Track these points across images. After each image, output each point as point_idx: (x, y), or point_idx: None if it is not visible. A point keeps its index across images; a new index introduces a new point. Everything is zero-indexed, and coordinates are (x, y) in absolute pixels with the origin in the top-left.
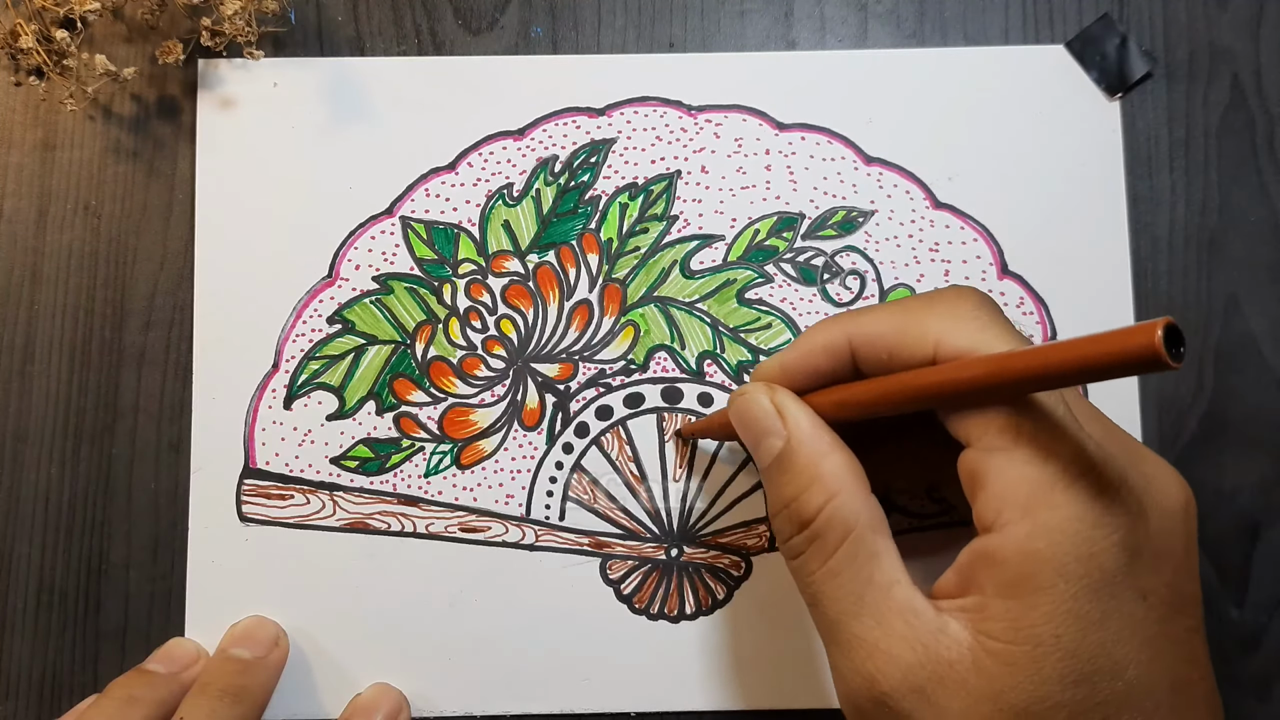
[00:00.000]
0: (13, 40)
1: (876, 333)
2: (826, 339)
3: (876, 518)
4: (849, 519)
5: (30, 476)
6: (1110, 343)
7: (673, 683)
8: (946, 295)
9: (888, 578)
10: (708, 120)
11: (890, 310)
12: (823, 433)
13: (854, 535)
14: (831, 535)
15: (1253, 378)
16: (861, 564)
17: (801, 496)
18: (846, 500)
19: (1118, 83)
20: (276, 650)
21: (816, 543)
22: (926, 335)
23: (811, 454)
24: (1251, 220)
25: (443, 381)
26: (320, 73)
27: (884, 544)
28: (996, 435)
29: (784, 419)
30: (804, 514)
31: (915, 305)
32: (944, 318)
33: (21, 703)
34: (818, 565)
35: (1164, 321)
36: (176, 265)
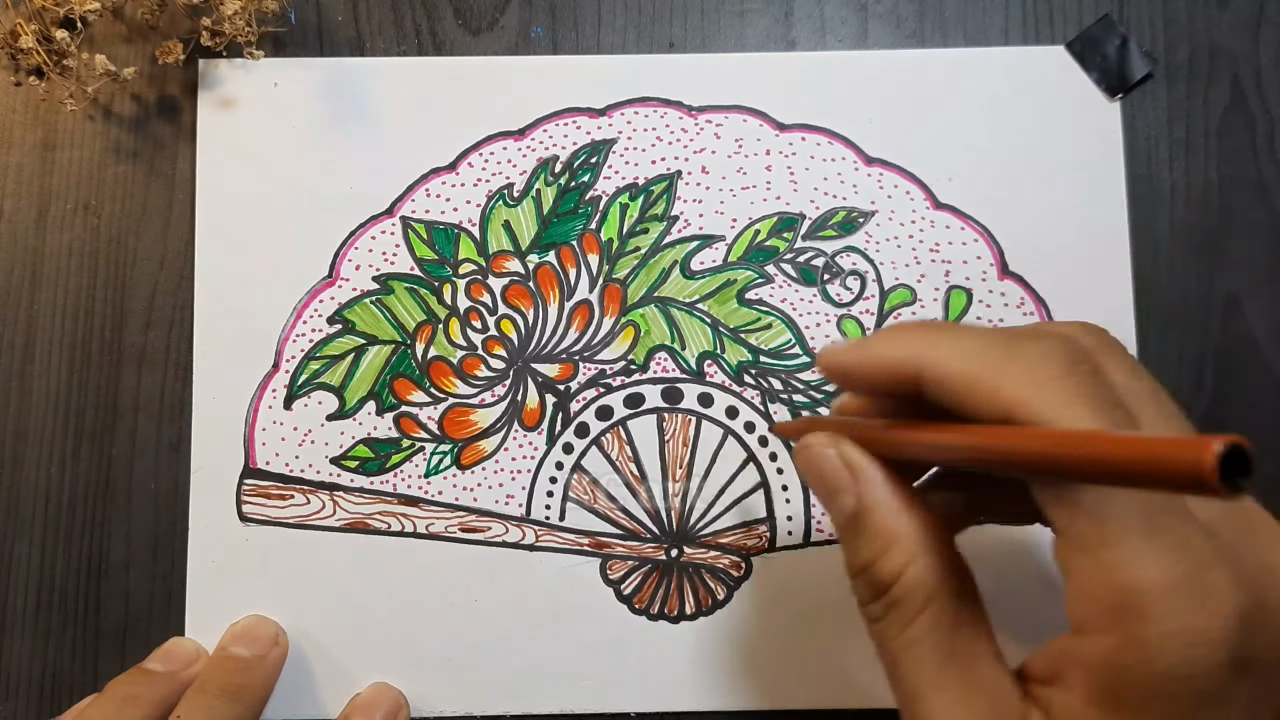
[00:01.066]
0: (13, 40)
1: (948, 375)
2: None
3: (961, 581)
4: (930, 584)
5: (30, 476)
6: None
7: (673, 683)
8: (1031, 351)
9: (972, 649)
10: (708, 120)
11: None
12: (897, 491)
13: (937, 603)
14: (912, 602)
15: (1253, 378)
16: (944, 633)
17: (879, 560)
18: (927, 563)
19: (1118, 83)
20: (276, 649)
21: (896, 609)
22: (999, 397)
23: (888, 513)
24: (1251, 220)
25: (443, 381)
26: (320, 73)
27: (969, 612)
28: (1082, 531)
29: (855, 474)
30: (883, 579)
31: (994, 354)
32: (1022, 382)
33: (21, 703)
34: (897, 633)
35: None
36: (176, 265)
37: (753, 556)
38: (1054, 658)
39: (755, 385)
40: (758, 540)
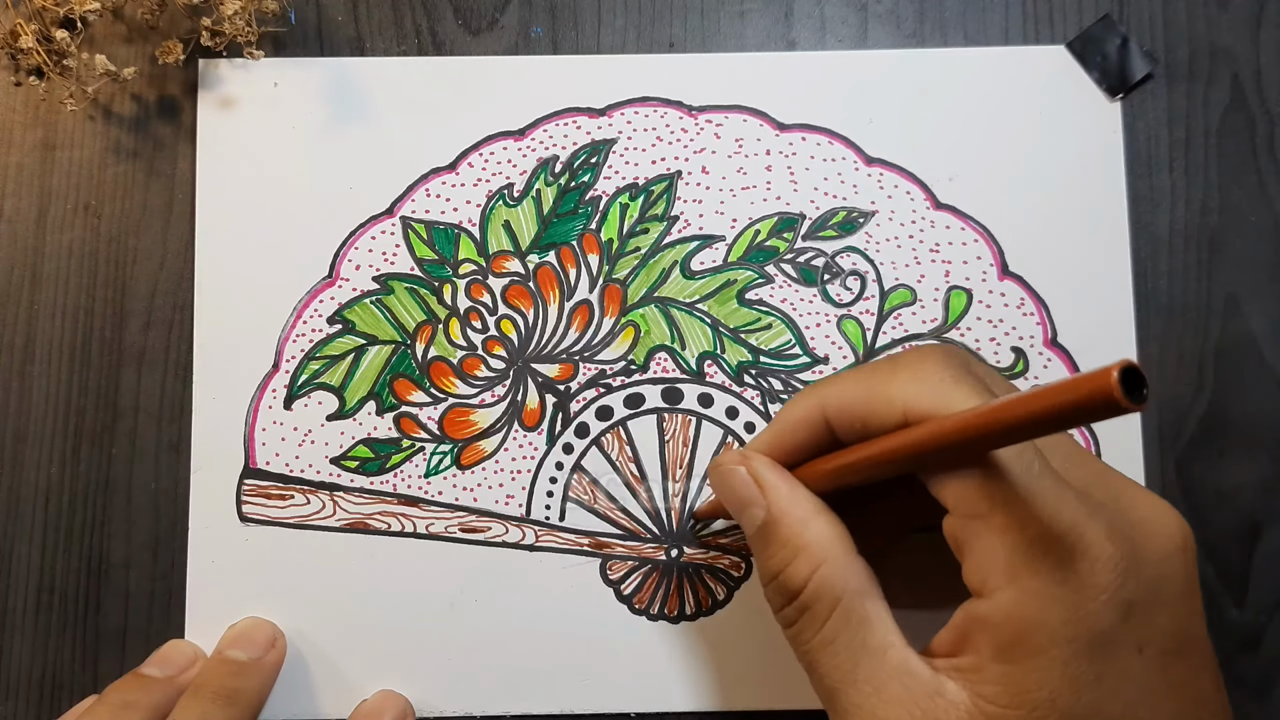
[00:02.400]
0: (13, 40)
1: (845, 401)
2: (802, 412)
3: (865, 581)
4: (837, 586)
5: (30, 476)
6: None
7: (673, 683)
8: (910, 357)
9: (881, 641)
10: (708, 120)
11: (857, 377)
12: (803, 500)
13: (844, 603)
14: (821, 605)
15: (1253, 378)
16: (854, 630)
17: (788, 568)
18: (833, 568)
19: (1118, 83)
20: (273, 652)
21: (807, 613)
22: (893, 401)
23: (793, 523)
24: (1251, 220)
25: (443, 382)
26: (320, 73)
27: (875, 607)
28: (973, 502)
29: (763, 488)
30: (792, 585)
31: (881, 370)
32: (908, 381)
33: (21, 703)
34: (811, 635)
35: (1120, 364)
36: (176, 265)
37: (752, 557)
38: (957, 628)
39: (755, 385)
40: None
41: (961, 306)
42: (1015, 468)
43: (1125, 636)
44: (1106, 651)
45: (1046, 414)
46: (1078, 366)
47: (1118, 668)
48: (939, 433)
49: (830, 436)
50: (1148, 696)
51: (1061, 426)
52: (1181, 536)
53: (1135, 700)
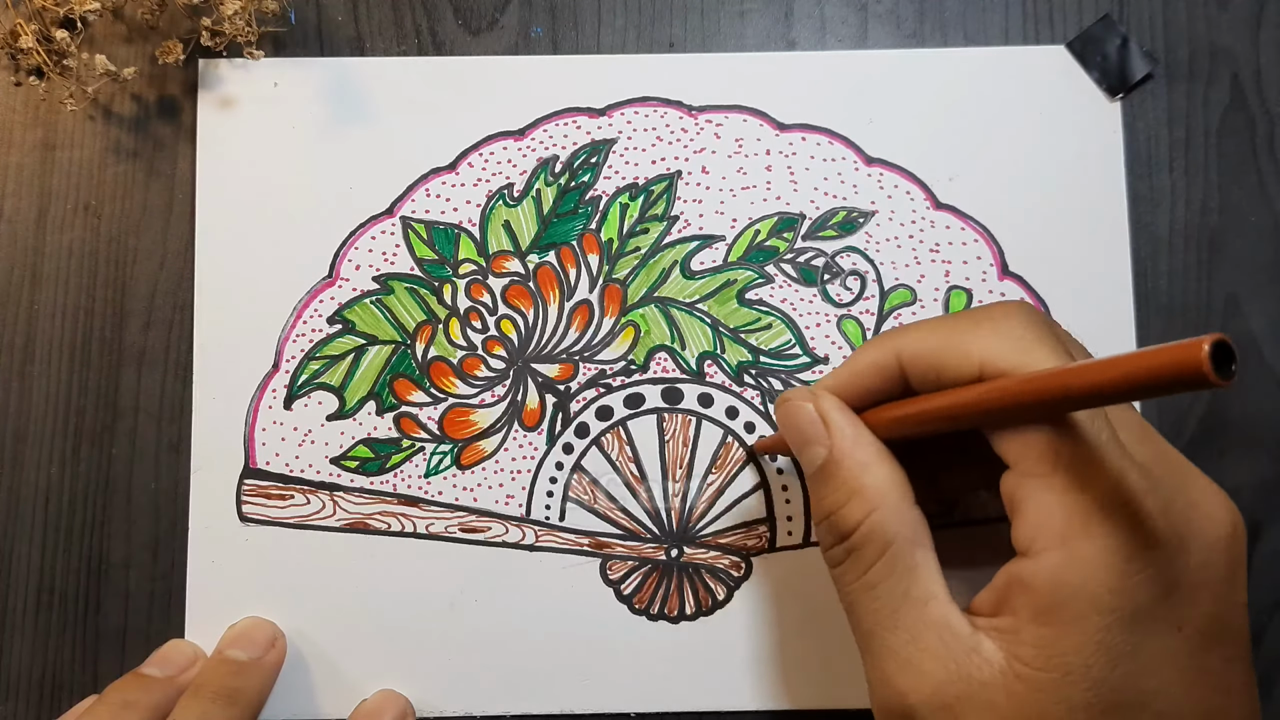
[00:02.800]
0: (13, 40)
1: (923, 350)
2: (876, 356)
3: (917, 531)
4: (888, 533)
5: (30, 476)
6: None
7: (673, 683)
8: (993, 312)
9: (925, 592)
10: (708, 120)
11: (936, 327)
12: (867, 444)
13: (892, 549)
14: (870, 549)
15: (1253, 378)
16: (899, 578)
17: (842, 509)
18: (887, 514)
19: (1118, 83)
20: (273, 651)
21: (854, 555)
22: (970, 354)
23: (854, 466)
24: (1251, 220)
25: (443, 382)
26: (320, 73)
27: (923, 557)
28: (1035, 460)
29: (829, 428)
30: (844, 526)
31: (962, 322)
32: (988, 336)
33: (21, 703)
34: (855, 577)
35: (1212, 338)
36: (176, 265)
37: (753, 556)
38: (1000, 588)
39: (755, 385)
40: (758, 540)
41: (961, 306)
42: (1085, 431)
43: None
44: (1145, 626)
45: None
46: None
47: (1155, 644)
48: (1015, 389)
49: (902, 383)
50: (1180, 677)
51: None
52: (1232, 525)
53: (1168, 679)
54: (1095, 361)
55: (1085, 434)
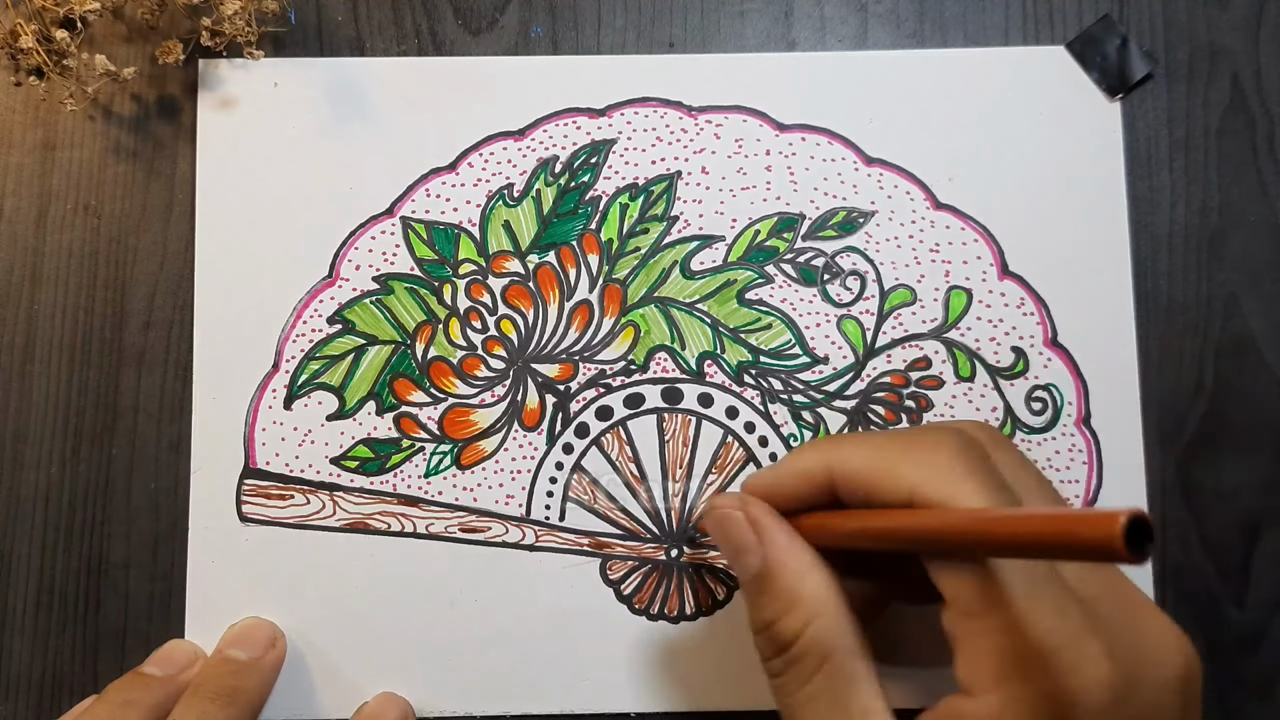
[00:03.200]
0: (13, 40)
1: (854, 469)
2: (807, 466)
3: (856, 640)
4: (827, 644)
5: (30, 476)
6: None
7: (673, 683)
8: (925, 441)
9: (865, 706)
10: (708, 121)
11: (869, 446)
12: (800, 551)
13: (832, 661)
14: (810, 659)
15: (1253, 378)
16: (839, 690)
17: (782, 620)
18: (826, 624)
19: (1118, 83)
20: (273, 651)
21: (795, 666)
22: (900, 481)
23: (790, 575)
24: (1251, 220)
25: (443, 382)
26: (320, 73)
27: (862, 668)
28: (969, 598)
29: (760, 535)
30: (784, 638)
31: (894, 447)
32: (919, 465)
33: (21, 703)
34: (796, 688)
35: (1129, 513)
36: (176, 265)
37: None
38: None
39: (755, 385)
40: None
41: (961, 306)
42: (1018, 572)
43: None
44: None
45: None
46: (1078, 366)
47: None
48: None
49: (831, 494)
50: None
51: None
52: (1185, 666)
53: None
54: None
55: (1019, 573)
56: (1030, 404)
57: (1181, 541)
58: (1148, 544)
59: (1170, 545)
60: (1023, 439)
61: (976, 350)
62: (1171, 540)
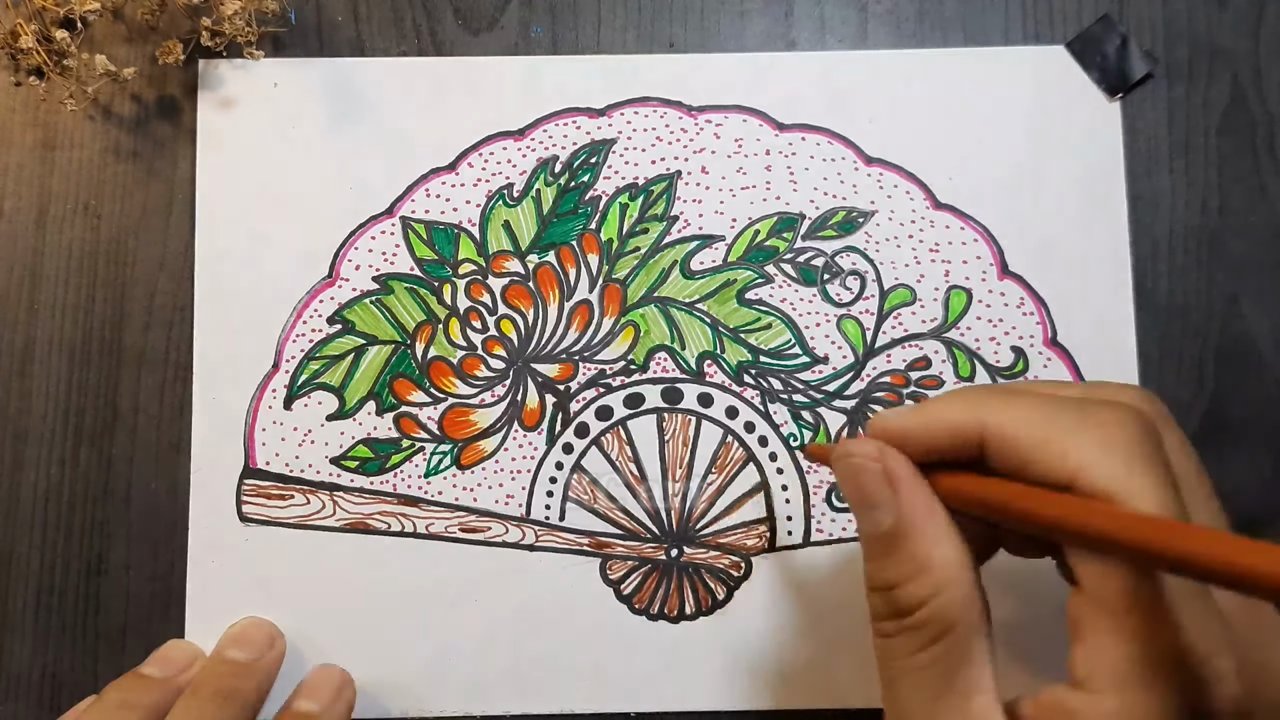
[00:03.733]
0: (13, 40)
1: (1014, 435)
2: (958, 421)
3: (981, 617)
4: (951, 618)
5: (30, 476)
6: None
7: (673, 683)
8: (1100, 417)
9: (972, 685)
10: (708, 120)
11: (1036, 410)
12: (937, 516)
13: (952, 636)
14: (929, 631)
15: (1253, 378)
16: (951, 665)
17: (906, 585)
18: (954, 598)
19: (1118, 83)
20: (272, 652)
21: (910, 633)
22: (1067, 460)
23: (923, 541)
24: (1251, 220)
25: (443, 382)
26: (320, 73)
27: (980, 647)
28: (1111, 594)
29: (897, 494)
30: (905, 603)
31: (1067, 415)
32: (1091, 446)
33: (21, 703)
34: (905, 655)
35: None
36: (176, 265)
37: (753, 556)
38: (1049, 707)
39: (755, 385)
40: (758, 540)
41: (961, 306)
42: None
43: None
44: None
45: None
46: (1078, 366)
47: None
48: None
49: (977, 451)
50: None
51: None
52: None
53: None
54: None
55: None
56: None
57: None
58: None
59: None
60: None
61: (976, 350)
62: None
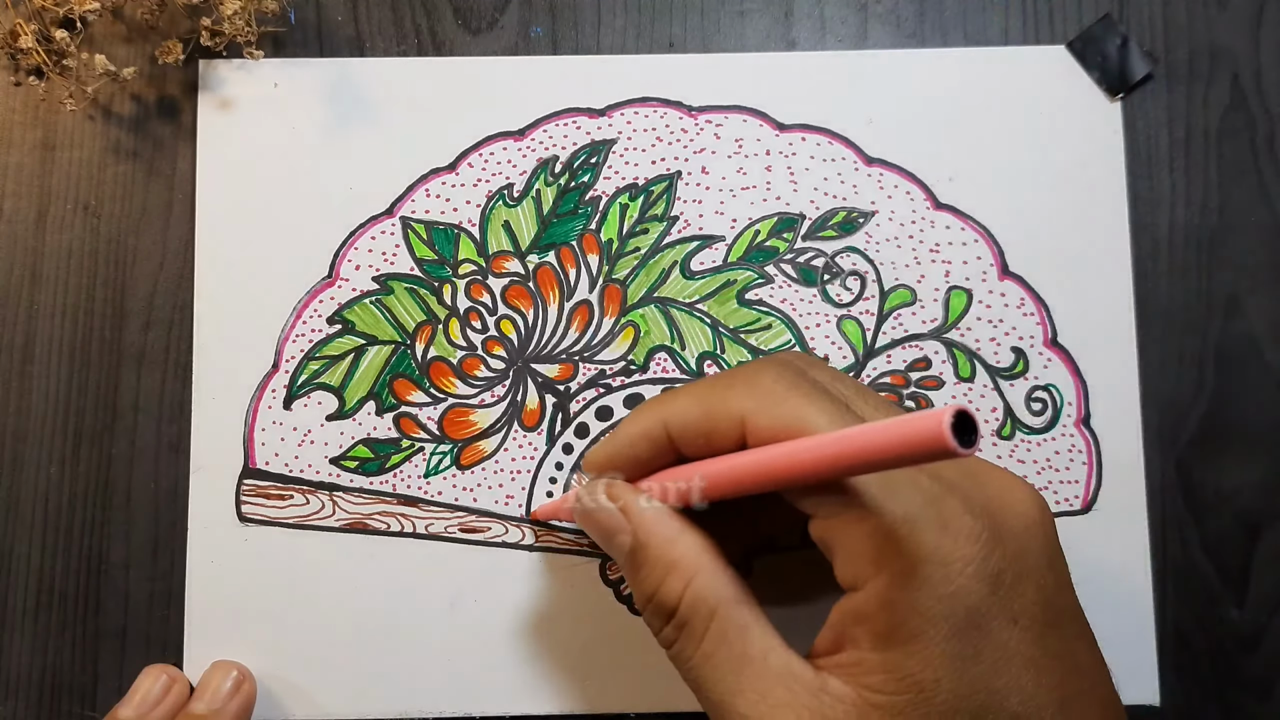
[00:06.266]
0: (13, 40)
1: (688, 418)
2: (644, 427)
3: (738, 589)
4: (710, 599)
5: (30, 476)
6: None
7: (673, 683)
8: (747, 371)
9: (761, 647)
10: (708, 121)
11: (696, 393)
12: (667, 517)
13: (719, 614)
14: (698, 619)
15: (1253, 378)
16: (733, 640)
17: (661, 588)
18: (704, 580)
19: (1119, 83)
20: (237, 697)
21: (685, 630)
22: (732, 415)
23: (660, 543)
24: (1251, 220)
25: (443, 382)
26: (320, 73)
27: (751, 614)
28: (829, 503)
29: (626, 513)
30: (668, 603)
31: (719, 385)
32: (745, 396)
33: (21, 703)
34: (692, 650)
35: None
36: (176, 265)
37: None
38: (836, 625)
39: None
40: None
41: (961, 306)
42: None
43: (997, 609)
44: (981, 626)
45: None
46: (1078, 366)
47: (995, 641)
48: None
49: (672, 450)
50: (1028, 668)
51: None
52: (1037, 509)
53: (1017, 673)
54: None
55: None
56: (1030, 404)
57: (1181, 541)
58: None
59: (1170, 545)
60: (1022, 439)
61: (976, 350)
62: (1171, 540)
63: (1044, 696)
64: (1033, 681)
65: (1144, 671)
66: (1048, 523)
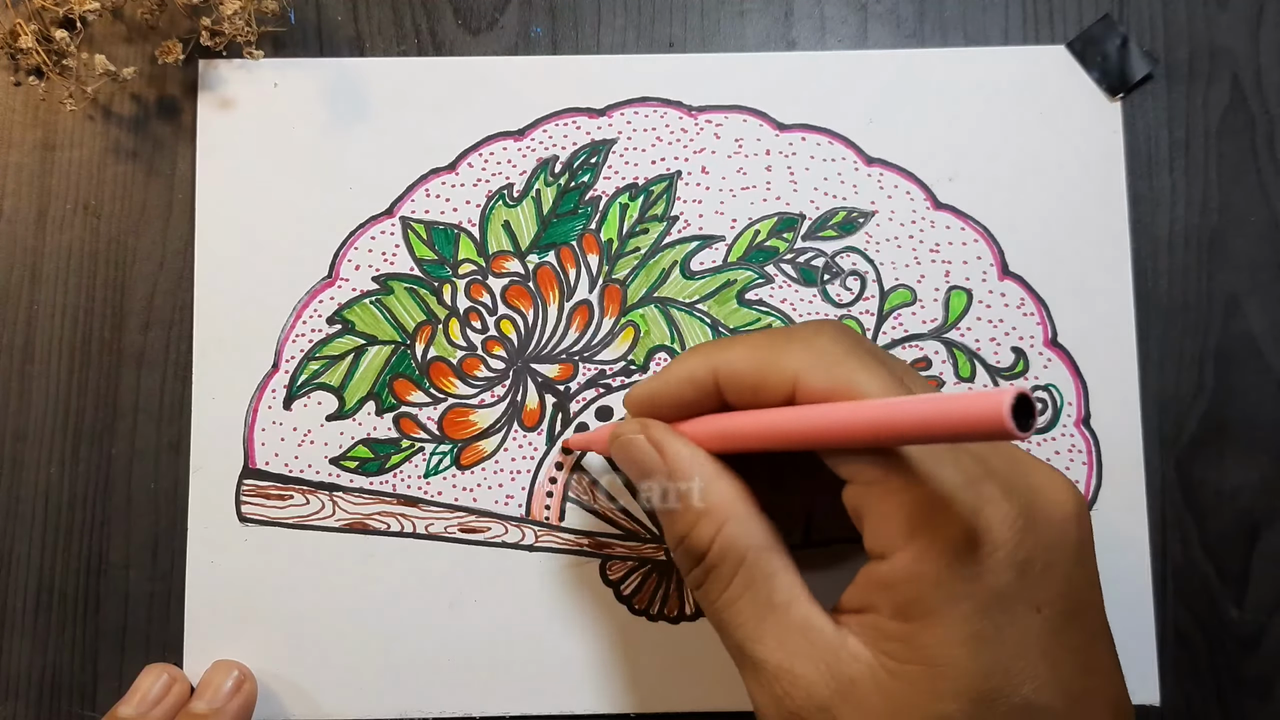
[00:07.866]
0: (13, 40)
1: (739, 369)
2: (691, 371)
3: (768, 537)
4: (739, 545)
5: (30, 476)
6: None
7: (673, 683)
8: (804, 330)
9: (786, 596)
10: (708, 121)
11: (752, 344)
12: (703, 461)
13: (748, 560)
14: (726, 564)
15: (1253, 378)
16: (758, 587)
17: (693, 532)
18: (736, 526)
19: (1119, 83)
20: (237, 696)
21: (713, 572)
22: (785, 372)
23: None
24: (1251, 220)
25: (443, 382)
26: (320, 73)
27: (779, 562)
28: (869, 469)
29: (664, 455)
30: (698, 547)
31: (776, 340)
32: (801, 354)
33: (21, 703)
34: (718, 593)
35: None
36: (176, 265)
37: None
38: (862, 586)
39: None
40: None
41: (961, 306)
42: None
43: (1022, 595)
44: (1004, 609)
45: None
46: (1078, 366)
47: (1016, 626)
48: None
49: (717, 397)
50: (1045, 657)
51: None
52: (1074, 504)
53: (1033, 660)
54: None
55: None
56: None
57: (1181, 541)
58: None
59: (1170, 545)
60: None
61: (976, 350)
62: (1171, 540)
63: (1057, 687)
64: (1048, 671)
65: (1144, 671)
66: (1084, 519)
